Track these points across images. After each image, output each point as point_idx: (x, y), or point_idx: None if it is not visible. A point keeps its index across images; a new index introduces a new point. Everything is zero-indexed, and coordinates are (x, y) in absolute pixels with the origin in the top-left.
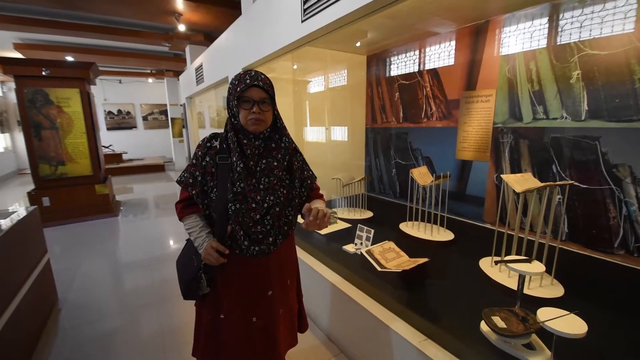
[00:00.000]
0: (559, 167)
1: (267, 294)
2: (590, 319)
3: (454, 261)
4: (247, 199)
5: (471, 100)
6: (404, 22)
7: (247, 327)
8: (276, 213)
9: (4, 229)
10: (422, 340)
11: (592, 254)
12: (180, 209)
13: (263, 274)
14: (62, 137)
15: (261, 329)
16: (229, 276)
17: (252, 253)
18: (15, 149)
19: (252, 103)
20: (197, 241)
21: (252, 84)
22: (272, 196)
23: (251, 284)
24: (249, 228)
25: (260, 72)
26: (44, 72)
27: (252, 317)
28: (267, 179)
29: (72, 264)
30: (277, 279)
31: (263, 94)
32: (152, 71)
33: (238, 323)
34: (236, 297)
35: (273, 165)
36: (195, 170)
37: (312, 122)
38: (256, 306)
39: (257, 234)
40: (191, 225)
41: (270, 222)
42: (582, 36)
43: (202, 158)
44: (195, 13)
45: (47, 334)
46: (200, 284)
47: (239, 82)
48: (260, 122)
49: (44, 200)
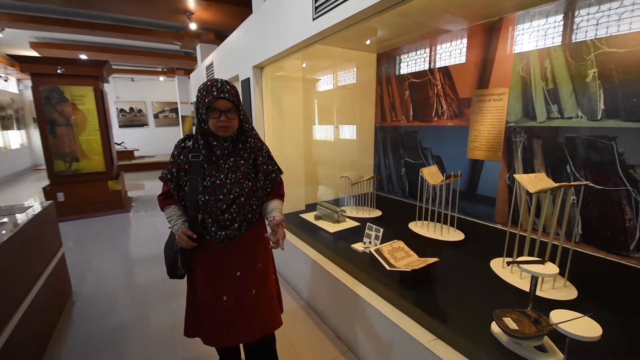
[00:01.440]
0: (573, 167)
1: (236, 275)
2: (604, 322)
3: (464, 261)
4: (216, 192)
5: (483, 99)
6: (415, 19)
7: (218, 305)
8: (241, 203)
9: (20, 223)
10: (431, 340)
11: (607, 257)
12: (161, 200)
13: (231, 256)
14: (77, 134)
15: (232, 306)
16: (201, 259)
17: (220, 238)
18: (31, 145)
19: (220, 112)
20: (174, 228)
21: (218, 96)
22: (238, 188)
23: (220, 266)
24: (217, 216)
25: (226, 82)
26: (59, 70)
27: (223, 296)
28: (233, 174)
29: (86, 257)
30: (246, 262)
31: (229, 104)
32: (163, 69)
33: (210, 301)
34: (207, 277)
35: (240, 163)
36: (172, 167)
37: (322, 120)
38: (225, 286)
39: (225, 221)
40: (170, 215)
41: (236, 210)
42: (598, 33)
43: (177, 156)
44: (206, 11)
45: (62, 326)
46: (177, 266)
47: (207, 92)
48: (228, 129)
49: (58, 195)
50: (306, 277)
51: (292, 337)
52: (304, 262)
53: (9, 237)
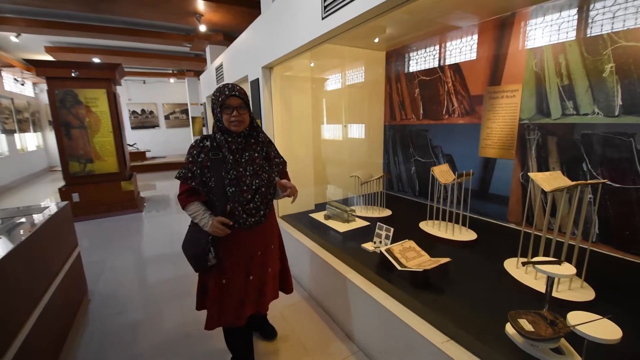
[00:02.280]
0: (589, 165)
1: (258, 254)
2: (623, 324)
3: (477, 262)
4: (240, 183)
5: (495, 96)
6: (425, 16)
7: (246, 285)
8: (262, 193)
9: (37, 223)
10: (444, 341)
11: (625, 257)
12: (184, 198)
13: (254, 240)
14: (91, 135)
15: (255, 284)
16: (230, 246)
17: (249, 224)
18: (47, 147)
19: (232, 109)
20: (202, 222)
21: (230, 94)
22: (257, 179)
23: (246, 249)
24: (244, 205)
25: (236, 85)
26: (74, 73)
27: (250, 276)
28: (251, 167)
29: (101, 257)
30: (264, 244)
31: (239, 101)
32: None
33: (239, 282)
34: (237, 260)
35: (254, 156)
36: (192, 166)
37: (330, 119)
38: (251, 266)
39: (251, 210)
40: (195, 210)
41: (259, 199)
42: (615, 27)
43: (197, 156)
44: (215, 13)
45: (78, 323)
46: (208, 257)
47: (220, 93)
48: (240, 123)
49: (73, 196)
50: (316, 276)
51: (303, 337)
52: (313, 262)
53: (27, 237)
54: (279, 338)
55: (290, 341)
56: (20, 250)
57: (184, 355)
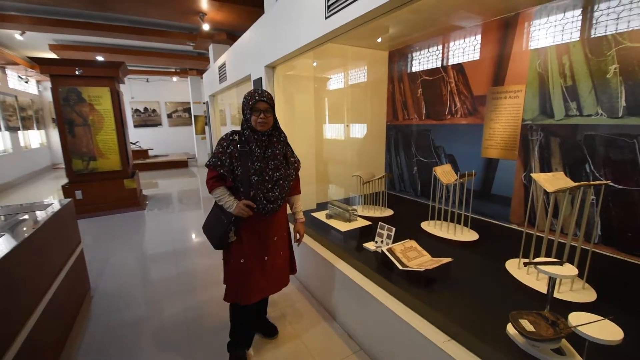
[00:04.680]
0: (592, 166)
1: (274, 239)
2: (625, 326)
3: (479, 262)
4: (262, 174)
5: (499, 96)
6: (428, 16)
7: (263, 264)
8: (281, 184)
9: (41, 220)
10: (445, 340)
11: (627, 258)
12: (212, 183)
13: (271, 225)
14: (94, 133)
15: (271, 265)
16: (250, 228)
17: (268, 210)
18: (50, 144)
19: (260, 112)
20: (227, 204)
21: (260, 99)
22: (277, 173)
23: (264, 232)
24: (265, 193)
25: (265, 90)
26: (77, 71)
27: (265, 257)
28: (272, 161)
29: (103, 254)
30: (279, 230)
31: (266, 105)
32: (177, 70)
33: (256, 262)
34: (255, 242)
35: (276, 152)
36: (222, 156)
37: (333, 119)
38: (267, 248)
39: (270, 198)
40: (221, 194)
41: (277, 190)
42: (619, 28)
43: (227, 147)
44: (219, 12)
45: (81, 320)
46: (229, 235)
47: (251, 97)
48: (265, 124)
49: (76, 193)
50: (318, 275)
51: (304, 335)
52: (315, 261)
53: (31, 234)
54: (280, 336)
55: (291, 339)
56: (23, 247)
57: (185, 352)
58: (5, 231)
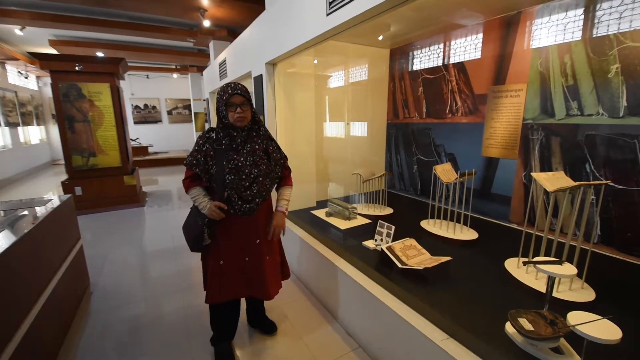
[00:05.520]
0: (593, 166)
1: (256, 242)
2: (624, 325)
3: (478, 261)
4: (239, 172)
5: (500, 95)
6: (430, 14)
7: (243, 265)
8: (260, 182)
9: (40, 216)
10: (444, 339)
11: (627, 258)
12: (188, 182)
13: (250, 226)
14: (94, 129)
15: (252, 266)
16: (227, 230)
17: (244, 210)
18: (50, 140)
19: (236, 106)
20: (201, 205)
21: (234, 93)
22: (256, 169)
23: (243, 234)
24: (241, 192)
25: (238, 83)
26: (77, 67)
27: (245, 257)
28: (251, 157)
29: (102, 250)
30: (261, 232)
31: (242, 99)
32: (177, 67)
33: (235, 262)
34: (233, 244)
35: (255, 148)
36: (198, 154)
37: (333, 117)
38: (248, 250)
39: (248, 196)
40: (196, 194)
41: (256, 188)
42: (621, 27)
43: (202, 145)
44: (220, 8)
45: (80, 316)
46: (203, 237)
47: (224, 92)
48: (243, 119)
49: (76, 189)
50: (317, 273)
51: (303, 333)
52: (315, 259)
53: (30, 229)
54: (279, 334)
55: (290, 337)
56: (23, 243)
57: (184, 349)
58: (5, 227)
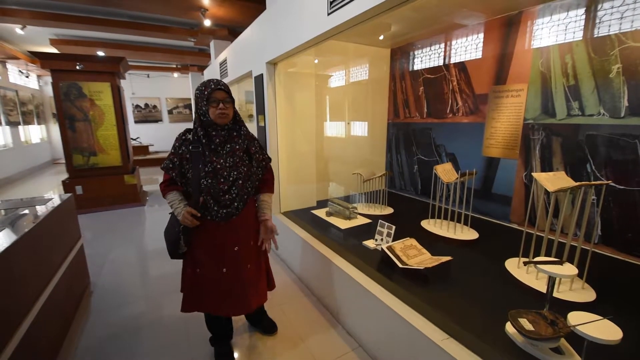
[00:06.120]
0: (594, 166)
1: (234, 249)
2: (624, 325)
3: (479, 261)
4: (217, 175)
5: (500, 95)
6: (431, 14)
7: (220, 277)
8: (239, 185)
9: (41, 215)
10: (444, 338)
11: (627, 259)
12: (164, 187)
13: (229, 233)
14: (95, 129)
15: (231, 278)
16: (202, 237)
17: (221, 215)
18: (51, 139)
19: (218, 102)
20: (176, 210)
21: (216, 88)
22: (236, 172)
23: (220, 242)
24: (219, 197)
25: (220, 79)
26: (78, 66)
27: (223, 268)
28: (231, 158)
29: (103, 249)
30: (241, 238)
31: (225, 94)
32: (177, 66)
33: (212, 273)
34: (209, 252)
35: (235, 148)
36: (174, 158)
37: (334, 116)
38: (225, 259)
39: (226, 201)
40: (172, 199)
41: (235, 191)
42: (622, 27)
43: (178, 148)
44: (220, 8)
45: (80, 315)
46: (179, 244)
47: (206, 87)
48: (225, 116)
49: (77, 188)
50: (318, 272)
51: (303, 333)
52: (315, 258)
53: (31, 228)
54: (279, 333)
55: (291, 337)
56: (23, 242)
57: (184, 348)
58: (6, 225)
